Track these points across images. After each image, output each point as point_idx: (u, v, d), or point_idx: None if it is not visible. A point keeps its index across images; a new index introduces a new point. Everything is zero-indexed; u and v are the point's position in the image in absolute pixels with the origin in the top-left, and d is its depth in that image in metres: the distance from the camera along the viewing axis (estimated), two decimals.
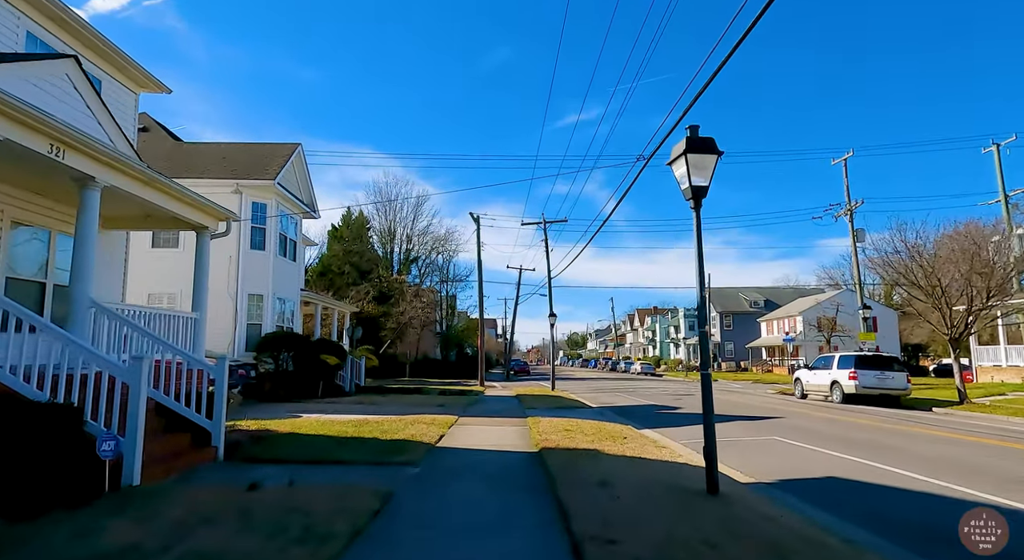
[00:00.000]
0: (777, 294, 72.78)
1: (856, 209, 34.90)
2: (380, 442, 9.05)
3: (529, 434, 10.83)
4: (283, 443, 8.76)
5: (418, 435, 9.83)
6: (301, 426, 10.76)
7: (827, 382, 21.49)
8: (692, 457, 8.68)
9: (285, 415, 12.88)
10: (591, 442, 9.49)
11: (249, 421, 11.21)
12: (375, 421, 11.92)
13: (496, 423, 12.85)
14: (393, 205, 54.44)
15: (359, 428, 10.60)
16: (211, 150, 19.97)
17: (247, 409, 13.85)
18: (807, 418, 15.40)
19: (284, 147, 19.86)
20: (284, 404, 16.06)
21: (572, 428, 11.30)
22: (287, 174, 19.54)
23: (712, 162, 5.95)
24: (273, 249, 18.59)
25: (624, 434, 10.81)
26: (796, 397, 23.91)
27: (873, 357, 20.65)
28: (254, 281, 18.01)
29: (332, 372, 19.56)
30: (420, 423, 11.80)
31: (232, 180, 17.68)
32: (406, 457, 7.75)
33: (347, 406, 16.09)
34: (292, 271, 20.25)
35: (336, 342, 21.65)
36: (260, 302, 18.19)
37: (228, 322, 17.44)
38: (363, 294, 43.50)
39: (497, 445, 9.51)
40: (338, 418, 12.59)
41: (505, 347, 66.13)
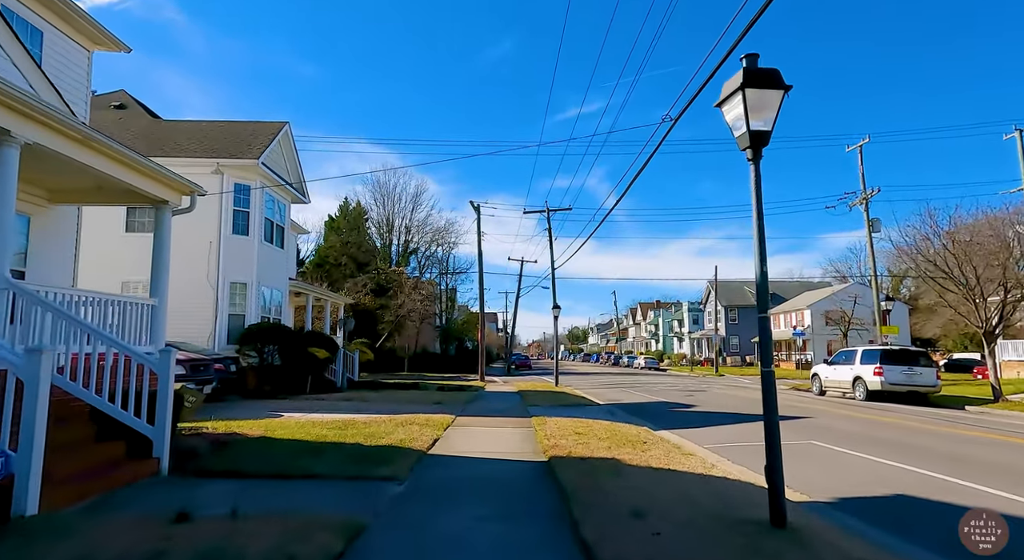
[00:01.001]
0: (783, 288, 71.38)
1: (872, 197, 33.61)
2: (363, 449, 7.76)
3: (535, 437, 9.56)
4: (248, 451, 7.47)
5: (408, 440, 8.55)
6: (277, 428, 9.48)
7: (849, 378, 20.20)
8: (728, 468, 7.39)
9: (264, 414, 11.62)
10: (607, 448, 8.20)
11: (218, 422, 9.93)
12: (362, 422, 10.65)
13: (497, 424, 11.57)
14: (391, 195, 53.12)
15: (342, 431, 9.32)
16: (191, 128, 18.62)
17: (223, 407, 12.58)
18: (837, 418, 14.11)
19: (270, 125, 18.51)
20: (267, 401, 14.79)
21: (583, 430, 10.02)
22: (273, 154, 18.20)
23: (776, 100, 4.64)
24: (258, 234, 17.28)
25: (642, 438, 9.53)
26: (814, 394, 22.63)
27: (900, 351, 19.35)
28: (237, 268, 16.71)
29: (322, 366, 18.29)
30: (412, 424, 10.53)
31: (212, 159, 16.35)
32: (390, 470, 6.46)
33: (335, 403, 14.83)
34: (279, 259, 18.95)
35: (327, 335, 20.38)
36: (243, 291, 16.89)
37: (208, 312, 16.16)
38: (360, 286, 42.20)
39: (499, 452, 8.22)
40: (322, 418, 11.33)
41: (506, 341, 64.90)
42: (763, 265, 4.74)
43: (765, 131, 4.67)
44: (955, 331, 48.56)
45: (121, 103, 19.74)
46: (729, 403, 18.65)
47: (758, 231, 4.72)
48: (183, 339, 15.25)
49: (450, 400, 16.55)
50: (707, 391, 24.28)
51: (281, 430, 9.24)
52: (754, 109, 4.62)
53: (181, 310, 15.77)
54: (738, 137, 4.80)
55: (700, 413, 15.52)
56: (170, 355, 6.16)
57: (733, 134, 4.86)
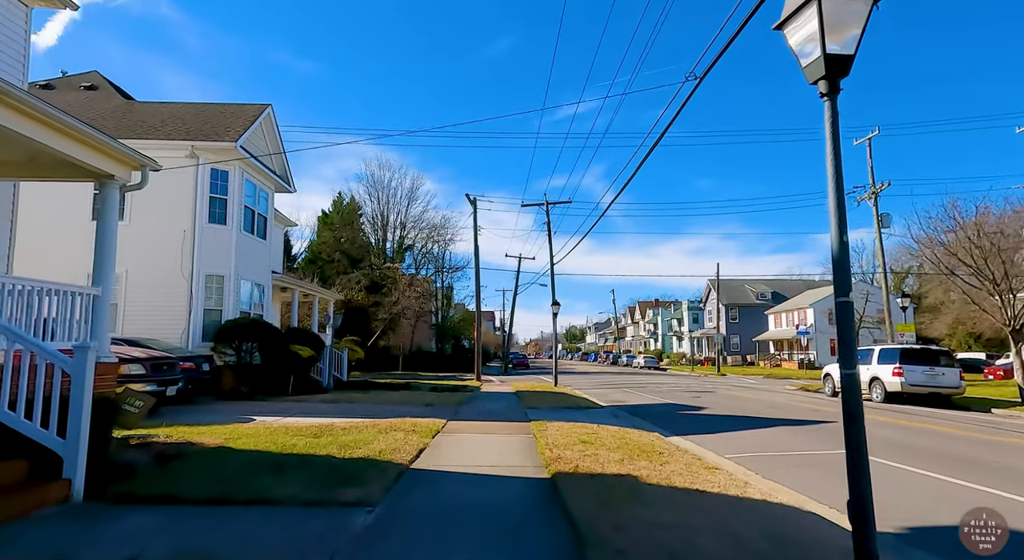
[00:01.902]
0: (785, 286, 70.40)
1: (881, 191, 32.56)
2: (334, 463, 6.61)
3: (535, 446, 8.42)
4: (196, 466, 6.31)
5: (389, 450, 7.40)
6: (241, 436, 8.31)
7: (865, 379, 19.07)
8: (762, 486, 6.26)
9: (234, 418, 10.45)
10: (620, 461, 7.06)
11: (176, 429, 8.77)
12: (341, 428, 9.51)
13: (493, 429, 10.42)
14: (386, 190, 51.92)
15: (315, 439, 8.16)
16: (165, 110, 17.42)
17: (190, 411, 11.42)
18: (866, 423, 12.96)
19: (250, 107, 17.31)
20: (243, 403, 13.62)
21: (589, 438, 8.88)
22: (254, 138, 17.01)
23: (861, 13, 3.49)
24: (237, 223, 16.08)
25: (657, 447, 8.39)
26: (826, 395, 21.52)
27: (920, 350, 18.26)
28: (213, 260, 15.52)
29: (306, 366, 17.13)
30: (398, 430, 9.39)
31: (186, 142, 15.15)
32: (361, 491, 5.31)
33: (317, 405, 13.67)
34: (262, 251, 17.76)
35: (312, 332, 19.21)
36: (220, 285, 15.70)
37: (181, 307, 14.97)
38: (353, 283, 40.99)
39: (494, 465, 7.07)
40: (298, 423, 10.19)
41: (503, 340, 63.74)
42: (842, 233, 3.59)
43: (845, 56, 3.53)
44: (961, 331, 47.55)
45: (92, 84, 18.54)
46: (739, 405, 17.54)
47: (835, 187, 3.58)
48: (153, 336, 14.11)
49: (443, 402, 15.41)
50: (714, 392, 23.16)
51: (245, 438, 8.07)
52: (832, 26, 3.48)
53: (152, 304, 14.63)
54: (807, 67, 3.65)
55: (711, 417, 14.39)
56: (86, 353, 4.98)
57: (800, 63, 3.71)
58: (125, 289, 14.79)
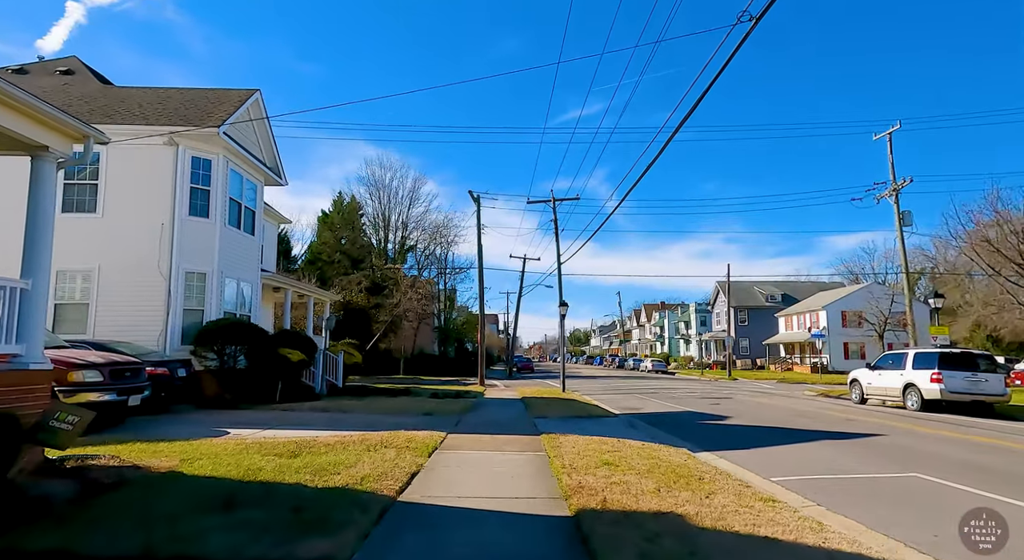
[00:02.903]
0: (795, 288, 68.94)
1: (903, 188, 31.19)
2: (304, 495, 5.34)
3: (549, 468, 7.14)
4: (130, 501, 5.05)
5: (375, 475, 6.13)
6: (203, 456, 7.05)
7: (898, 385, 17.74)
8: (841, 527, 4.95)
9: (205, 432, 9.21)
10: (655, 492, 5.77)
11: (130, 446, 7.52)
12: (324, 444, 8.24)
13: (499, 445, 9.13)
14: (387, 190, 50.73)
15: (289, 460, 6.89)
16: (145, 95, 16.22)
17: (158, 422, 10.18)
18: (915, 436, 11.63)
19: (236, 92, 16.09)
20: (223, 413, 12.39)
21: (612, 458, 7.58)
22: (240, 125, 15.79)
23: None
24: (221, 217, 14.85)
25: (693, 469, 7.10)
26: (853, 402, 20.16)
27: (961, 355, 16.88)
28: (194, 256, 14.29)
29: (296, 370, 15.87)
30: (389, 447, 8.14)
31: (165, 127, 13.93)
32: (331, 543, 4.04)
33: (305, 415, 12.42)
34: (249, 247, 16.54)
35: (304, 334, 17.96)
36: (202, 283, 14.46)
37: (158, 307, 13.74)
38: (354, 284, 39.77)
39: (502, 496, 5.78)
40: (277, 437, 8.94)
41: (507, 342, 62.38)
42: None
43: None
44: (980, 334, 46.08)
45: (69, 69, 17.38)
46: (764, 414, 16.20)
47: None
48: (128, 338, 12.87)
49: (443, 410, 14.15)
50: (732, 398, 21.80)
51: (206, 459, 6.81)
52: None
53: (126, 304, 13.42)
54: None
55: (738, 428, 13.07)
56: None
57: None
58: (97, 287, 13.58)
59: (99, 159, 13.86)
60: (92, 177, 13.84)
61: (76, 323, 13.55)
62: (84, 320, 13.54)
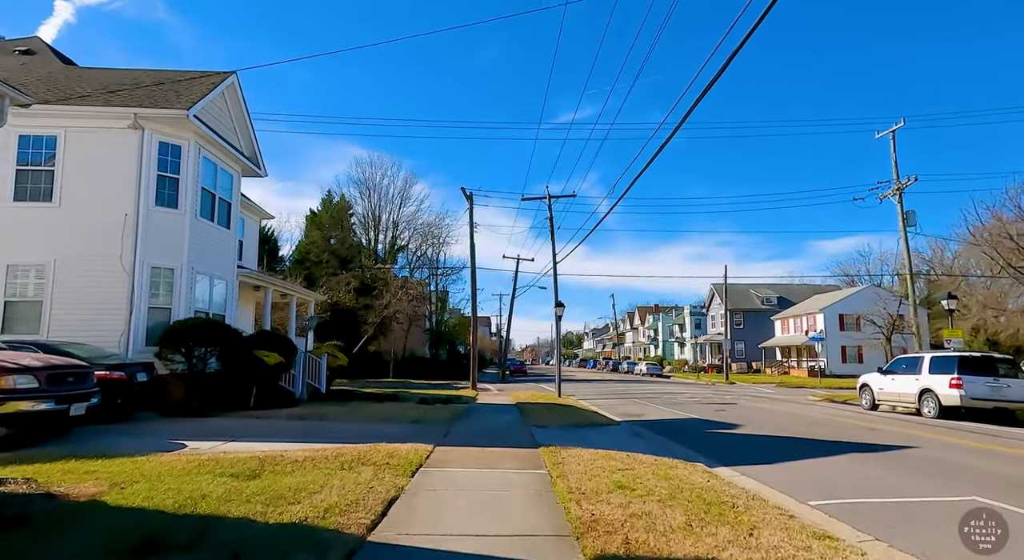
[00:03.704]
0: (790, 291, 68.28)
1: (907, 187, 30.43)
2: (247, 536, 4.23)
3: (553, 491, 6.08)
4: (16, 547, 3.93)
5: (343, 505, 5.05)
6: (140, 478, 5.93)
7: (913, 391, 16.78)
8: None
9: (156, 445, 8.08)
10: (686, 527, 4.71)
11: (59, 464, 6.40)
12: (291, 461, 7.14)
13: (493, 459, 8.05)
14: (378, 188, 49.60)
15: (244, 483, 5.79)
16: (110, 75, 15.03)
17: (106, 433, 9.03)
18: (948, 448, 10.63)
19: (210, 75, 14.91)
20: (188, 421, 11.24)
21: (626, 479, 6.52)
22: (213, 109, 14.64)
23: None
24: (191, 207, 13.69)
25: (721, 494, 6.05)
26: (863, 408, 19.22)
27: (981, 359, 15.96)
28: (161, 249, 13.12)
29: (273, 374, 14.72)
30: (366, 464, 7.07)
31: (128, 109, 12.76)
32: None
33: (278, 424, 11.29)
34: (224, 241, 15.37)
35: (284, 335, 16.82)
36: (170, 279, 13.30)
37: (120, 305, 12.56)
38: (342, 284, 38.53)
39: (496, 533, 4.69)
40: (239, 451, 7.84)
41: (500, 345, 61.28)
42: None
43: None
44: (978, 338, 45.38)
45: (29, 49, 16.18)
46: (775, 422, 15.21)
47: None
48: (84, 339, 11.71)
49: (432, 417, 13.05)
50: (736, 404, 20.81)
51: (143, 483, 5.68)
52: None
53: (85, 302, 12.29)
54: None
55: (752, 438, 12.04)
56: None
57: None
58: (52, 283, 12.39)
59: (56, 143, 12.69)
60: (48, 163, 12.66)
61: (29, 322, 12.36)
62: (38, 319, 12.36)
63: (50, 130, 12.61)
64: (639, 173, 13.86)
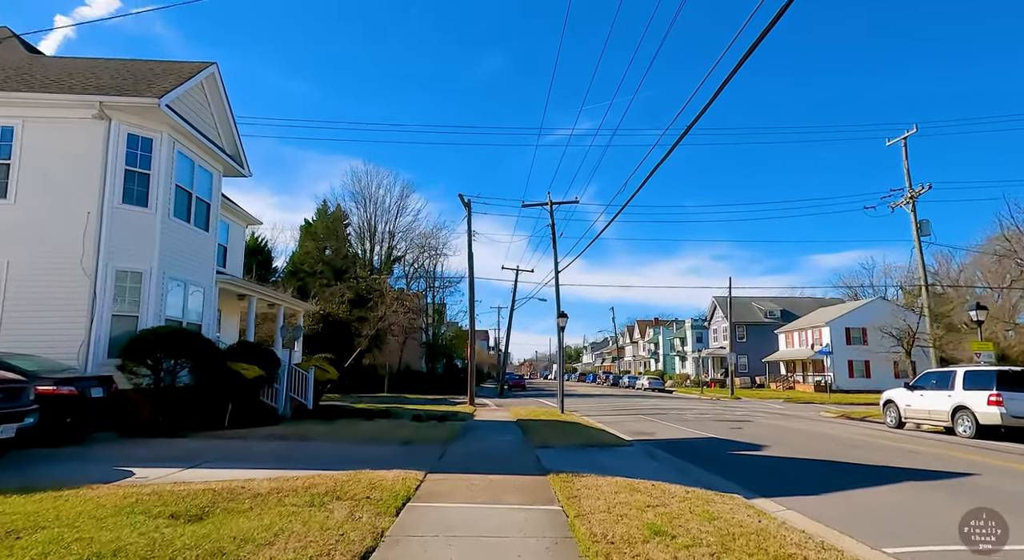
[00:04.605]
0: (794, 304, 67.14)
1: (920, 196, 29.45)
2: None
3: (573, 537, 4.85)
4: None
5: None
6: (51, 521, 4.69)
7: (945, 408, 15.55)
8: None
9: (94, 474, 6.83)
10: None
11: None
12: (252, 494, 5.91)
13: (495, 493, 6.78)
14: (374, 198, 48.49)
15: (180, 530, 4.55)
16: (78, 64, 13.93)
17: (53, 457, 7.78)
18: (1013, 475, 9.39)
19: (187, 65, 13.80)
20: (149, 442, 9.98)
21: (660, 521, 5.29)
22: (190, 102, 13.52)
23: None
24: (163, 206, 12.50)
25: (783, 543, 4.82)
26: (888, 426, 17.96)
27: (1022, 373, 14.75)
28: (127, 251, 11.91)
29: (251, 389, 13.45)
30: (342, 499, 5.86)
31: (93, 97, 11.61)
32: None
33: (253, 445, 10.02)
34: (203, 245, 14.17)
35: (266, 347, 15.55)
36: (137, 284, 12.07)
37: (80, 311, 11.32)
38: (337, 296, 37.26)
39: None
40: (192, 481, 6.60)
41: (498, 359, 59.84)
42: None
43: None
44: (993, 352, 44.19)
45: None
46: (798, 441, 13.97)
47: None
48: (39, 349, 10.47)
49: (425, 437, 11.78)
50: (752, 421, 19.53)
51: (46, 530, 4.44)
52: None
53: (39, 308, 11.08)
54: None
55: (785, 462, 10.78)
56: None
57: None
58: (4, 288, 11.15)
59: (12, 135, 11.53)
60: (3, 156, 11.49)
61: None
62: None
63: (5, 120, 11.47)
64: (637, 188, 13.02)
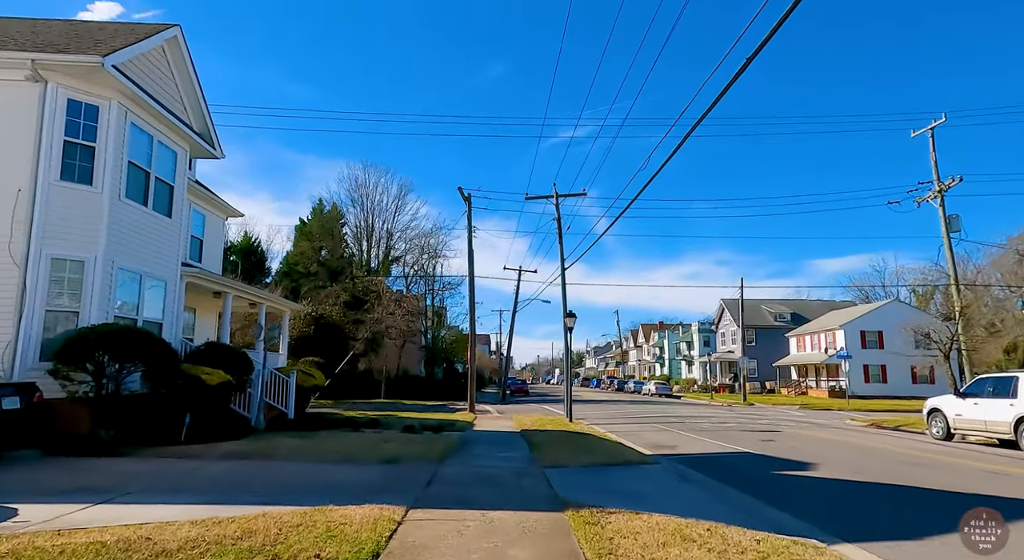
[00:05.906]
0: (805, 307, 65.24)
1: (949, 189, 27.71)
2: None
3: None
4: None
5: None
6: None
7: (1007, 418, 13.74)
8: None
9: None
10: None
11: None
12: (153, 555, 4.13)
13: (494, 548, 4.99)
14: (371, 196, 46.73)
15: None
16: (20, 24, 12.26)
17: None
18: None
19: (145, 26, 12.12)
20: (78, 462, 8.24)
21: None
22: (149, 69, 11.82)
23: None
24: (113, 185, 10.77)
25: None
26: (934, 437, 16.14)
27: None
28: (66, 235, 10.18)
29: (217, 397, 11.64)
30: (280, 558, 4.05)
31: (24, 54, 9.89)
32: None
33: (203, 466, 8.25)
34: (164, 232, 12.43)
35: (236, 349, 13.79)
36: (78, 274, 10.32)
37: (7, 306, 9.57)
38: (331, 297, 35.46)
39: None
40: (85, 526, 4.91)
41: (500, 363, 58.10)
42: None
43: None
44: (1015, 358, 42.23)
45: None
46: (844, 456, 12.19)
47: None
48: None
49: (414, 454, 9.99)
50: (781, 432, 17.69)
51: None
52: None
53: None
54: None
55: (843, 485, 9.00)
56: None
57: None
58: None
59: None
60: None
61: None
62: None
63: None
64: (639, 191, 11.27)
